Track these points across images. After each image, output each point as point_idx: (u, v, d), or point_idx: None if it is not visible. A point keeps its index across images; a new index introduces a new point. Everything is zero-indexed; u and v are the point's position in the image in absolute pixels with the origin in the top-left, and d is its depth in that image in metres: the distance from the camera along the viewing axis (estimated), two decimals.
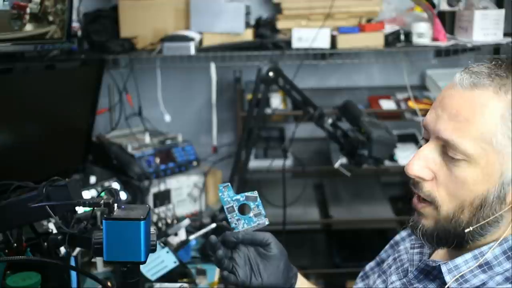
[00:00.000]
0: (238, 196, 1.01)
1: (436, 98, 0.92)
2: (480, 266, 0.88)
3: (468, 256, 0.90)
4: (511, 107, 0.83)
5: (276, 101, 2.63)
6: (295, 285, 1.08)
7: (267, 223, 1.02)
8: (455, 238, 0.89)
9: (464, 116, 0.85)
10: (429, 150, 0.90)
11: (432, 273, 0.94)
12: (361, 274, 1.24)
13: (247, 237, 1.00)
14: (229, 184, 1.02)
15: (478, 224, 0.86)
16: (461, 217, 0.87)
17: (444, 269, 0.90)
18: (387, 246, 1.21)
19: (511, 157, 0.83)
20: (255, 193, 1.01)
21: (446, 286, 0.89)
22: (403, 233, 1.17)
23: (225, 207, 1.00)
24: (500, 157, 0.84)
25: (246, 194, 1.01)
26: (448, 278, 0.89)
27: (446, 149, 0.87)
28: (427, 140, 0.92)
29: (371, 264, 1.23)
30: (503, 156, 0.84)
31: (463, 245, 0.90)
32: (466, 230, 0.87)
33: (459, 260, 0.90)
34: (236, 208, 1.01)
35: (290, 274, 1.05)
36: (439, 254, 1.01)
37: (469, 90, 0.86)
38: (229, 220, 1.00)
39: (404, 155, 2.55)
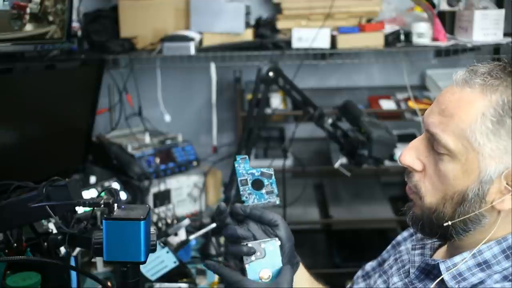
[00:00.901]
0: (254, 170, 0.99)
1: None
2: (478, 264, 0.89)
3: (466, 254, 0.90)
4: (493, 107, 0.84)
5: (276, 101, 2.63)
6: (295, 273, 1.06)
7: (278, 202, 1.00)
8: (438, 229, 0.91)
9: (449, 111, 0.87)
10: (420, 142, 0.93)
11: (433, 272, 0.94)
12: (361, 273, 1.24)
13: (256, 212, 0.98)
14: (247, 156, 1.00)
15: (459, 219, 0.88)
16: (444, 211, 0.89)
17: (442, 267, 0.91)
18: (389, 247, 1.21)
19: (492, 157, 0.84)
20: (271, 171, 1.00)
21: (439, 279, 0.90)
22: (405, 234, 1.17)
23: (238, 179, 0.99)
24: (480, 155, 0.85)
25: (262, 169, 1.00)
26: (446, 276, 0.90)
27: (435, 144, 0.89)
28: None
29: (373, 264, 1.22)
30: (482, 155, 0.85)
31: (447, 237, 0.91)
32: (445, 224, 0.89)
33: (457, 258, 0.90)
34: (249, 182, 0.99)
35: (293, 261, 1.03)
36: (440, 255, 1.01)
37: (461, 87, 0.88)
38: (241, 192, 0.98)
39: None
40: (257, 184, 1.00)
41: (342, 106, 2.05)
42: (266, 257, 0.95)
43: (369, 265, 1.23)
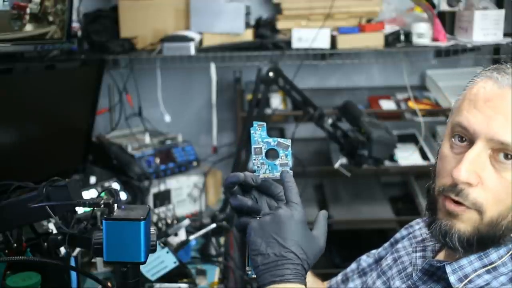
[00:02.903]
0: (270, 139, 0.94)
1: (472, 98, 0.88)
2: (484, 266, 0.88)
3: (472, 257, 0.89)
4: None
5: (276, 101, 2.63)
6: None
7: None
8: (489, 242, 0.87)
9: None
10: (478, 154, 0.85)
11: (437, 273, 0.94)
12: (356, 267, 1.23)
13: (265, 184, 0.95)
14: (264, 124, 0.95)
15: None
16: (502, 222, 0.86)
17: (448, 269, 0.90)
18: (386, 244, 1.20)
19: None
20: (288, 142, 0.95)
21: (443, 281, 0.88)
22: (404, 232, 1.16)
23: (253, 147, 0.94)
24: None
25: (279, 139, 0.95)
26: (452, 278, 0.89)
27: (496, 152, 0.85)
28: (465, 144, 0.88)
29: (368, 260, 1.21)
30: None
31: (489, 247, 0.88)
32: (507, 237, 0.86)
33: (463, 260, 0.90)
34: (263, 151, 0.94)
35: None
36: (441, 257, 1.00)
37: None
38: (253, 161, 0.94)
39: (404, 155, 2.55)
40: (272, 154, 0.95)
41: (342, 106, 2.05)
42: None
43: (364, 261, 1.22)
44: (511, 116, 0.83)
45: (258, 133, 0.94)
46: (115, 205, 0.97)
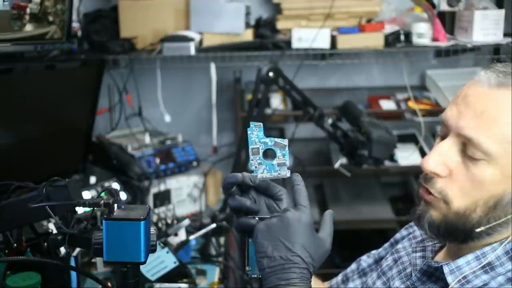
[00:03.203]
0: (267, 140, 0.95)
1: (457, 95, 0.91)
2: (482, 266, 0.88)
3: (470, 257, 0.89)
4: None
5: (276, 101, 2.63)
6: None
7: (288, 175, 0.96)
8: (461, 234, 0.89)
9: (489, 115, 0.84)
10: (448, 147, 0.89)
11: (435, 274, 0.94)
12: (356, 267, 1.23)
13: (263, 184, 0.95)
14: (261, 124, 0.95)
15: (489, 225, 0.86)
16: (472, 215, 0.87)
17: (446, 270, 0.90)
18: (387, 244, 1.20)
19: None
20: (285, 141, 0.95)
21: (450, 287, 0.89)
22: (404, 232, 1.16)
23: (250, 147, 0.94)
24: None
25: (276, 139, 0.95)
26: (450, 279, 0.89)
27: (466, 147, 0.86)
28: (443, 137, 0.92)
29: (368, 260, 1.21)
30: None
31: (468, 242, 0.90)
32: (477, 230, 0.87)
33: (461, 261, 0.90)
34: (261, 151, 0.95)
35: None
36: (441, 257, 1.00)
37: (496, 89, 0.86)
38: (251, 161, 0.95)
39: (404, 155, 2.55)
40: (269, 154, 0.96)
41: (342, 106, 2.05)
42: None
43: (364, 261, 1.22)
44: (482, 113, 0.85)
45: (255, 133, 0.95)
46: (115, 205, 0.97)
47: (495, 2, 2.50)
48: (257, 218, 0.92)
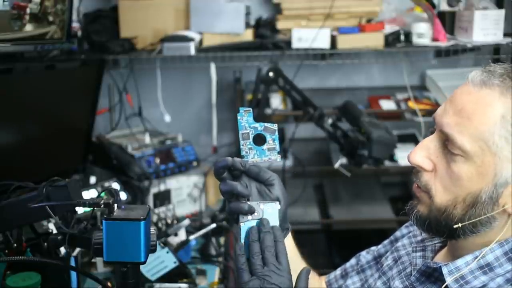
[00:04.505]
0: (257, 125, 0.95)
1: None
2: (481, 267, 0.88)
3: (469, 258, 0.90)
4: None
5: (276, 101, 2.63)
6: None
7: (279, 160, 0.96)
8: (445, 230, 0.90)
9: (466, 112, 0.86)
10: (432, 142, 0.91)
11: (434, 275, 0.94)
12: (355, 263, 1.22)
13: (254, 169, 0.95)
14: (251, 109, 0.95)
15: (470, 222, 0.87)
16: (453, 212, 0.88)
17: (445, 270, 0.90)
18: (386, 241, 1.20)
19: (510, 159, 0.83)
20: (275, 126, 0.95)
21: (444, 285, 0.89)
22: (404, 230, 1.16)
23: (240, 132, 0.95)
24: (496, 158, 0.84)
25: (266, 124, 0.95)
26: (448, 279, 0.89)
27: (448, 144, 0.88)
28: (433, 133, 0.93)
29: (368, 257, 1.21)
30: (499, 158, 0.84)
31: (454, 238, 0.91)
32: (455, 226, 0.88)
33: (460, 261, 0.90)
34: (251, 136, 0.95)
35: (284, 225, 1.00)
36: (441, 256, 1.00)
37: (478, 88, 0.86)
38: (241, 147, 0.95)
39: (404, 156, 2.55)
40: (259, 139, 0.96)
41: (342, 106, 2.05)
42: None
43: (364, 257, 1.22)
44: (461, 111, 0.86)
45: (245, 118, 0.95)
46: (115, 205, 0.97)
47: (495, 2, 2.50)
48: (248, 203, 0.93)
